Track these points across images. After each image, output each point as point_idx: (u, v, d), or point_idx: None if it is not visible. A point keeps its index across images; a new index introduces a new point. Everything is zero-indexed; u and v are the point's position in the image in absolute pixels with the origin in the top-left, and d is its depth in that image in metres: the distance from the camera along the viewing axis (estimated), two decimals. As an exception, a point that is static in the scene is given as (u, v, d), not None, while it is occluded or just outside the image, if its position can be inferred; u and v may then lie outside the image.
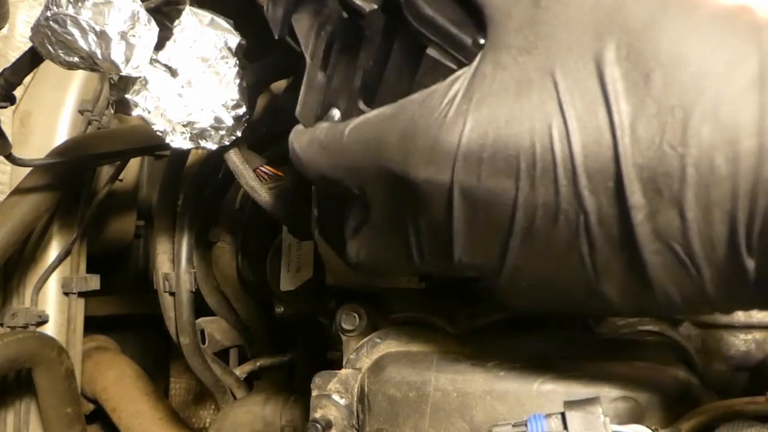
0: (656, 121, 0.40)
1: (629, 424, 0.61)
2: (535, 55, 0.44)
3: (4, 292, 1.25)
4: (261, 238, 1.28)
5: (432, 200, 0.49)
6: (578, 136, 0.42)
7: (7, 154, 0.94)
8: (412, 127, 0.48)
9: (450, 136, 0.46)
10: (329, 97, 0.62)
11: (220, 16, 0.76)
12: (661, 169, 0.40)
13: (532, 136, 0.43)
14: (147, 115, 0.73)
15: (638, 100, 0.40)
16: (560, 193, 0.43)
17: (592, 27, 0.42)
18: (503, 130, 0.44)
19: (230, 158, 0.83)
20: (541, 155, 0.43)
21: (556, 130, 0.43)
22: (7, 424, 1.22)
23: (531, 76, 0.44)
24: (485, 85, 0.45)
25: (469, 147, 0.45)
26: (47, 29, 0.65)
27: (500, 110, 0.44)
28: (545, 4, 0.44)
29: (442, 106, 0.47)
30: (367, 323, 0.77)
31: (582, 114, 0.42)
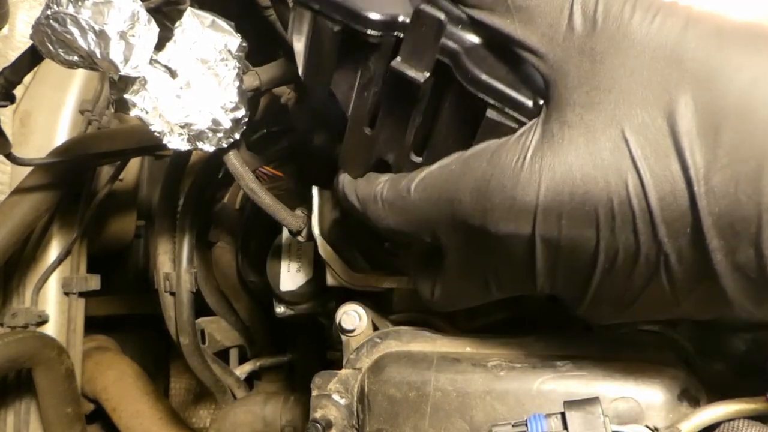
0: (729, 172, 0.42)
1: (629, 424, 0.61)
2: (600, 111, 0.46)
3: (4, 292, 1.25)
4: (261, 238, 1.28)
5: (513, 249, 0.52)
6: (654, 190, 0.44)
7: (7, 153, 0.94)
8: (485, 186, 0.50)
9: (527, 195, 0.48)
10: (379, 150, 0.63)
11: (222, 17, 0.76)
12: (738, 215, 0.42)
13: (608, 192, 0.45)
14: (145, 115, 0.73)
15: (710, 152, 0.42)
16: (640, 240, 0.46)
17: (657, 80, 0.44)
18: (579, 187, 0.46)
19: (230, 160, 0.83)
20: (619, 208, 0.45)
21: (631, 185, 0.44)
22: (7, 424, 1.22)
23: (599, 134, 0.46)
24: (555, 144, 0.47)
25: (546, 204, 0.47)
26: (47, 28, 0.65)
27: (573, 168, 0.46)
28: (600, 58, 0.46)
29: (513, 165, 0.49)
30: (367, 323, 0.77)
31: (655, 168, 0.44)
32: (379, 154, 0.64)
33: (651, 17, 0.45)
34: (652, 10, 0.45)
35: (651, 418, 0.62)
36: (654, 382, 0.63)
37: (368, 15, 0.54)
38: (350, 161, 0.66)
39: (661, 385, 0.63)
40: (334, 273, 0.83)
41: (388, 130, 0.62)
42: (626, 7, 0.46)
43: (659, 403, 0.63)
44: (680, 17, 0.45)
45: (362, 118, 0.63)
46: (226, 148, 0.80)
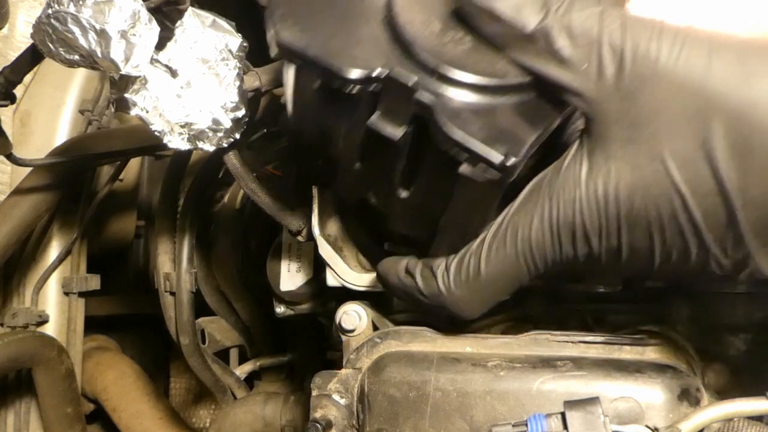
0: (762, 187, 0.48)
1: (629, 424, 0.61)
2: (640, 145, 0.51)
3: (4, 292, 1.25)
4: (261, 238, 1.28)
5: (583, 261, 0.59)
6: (697, 207, 0.50)
7: (7, 153, 0.94)
8: (555, 220, 0.56)
9: (591, 221, 0.55)
10: (369, 185, 0.67)
11: (222, 17, 0.76)
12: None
13: (658, 213, 0.52)
14: (145, 114, 0.73)
15: (743, 170, 0.48)
16: (689, 245, 0.52)
17: (689, 111, 0.49)
18: (633, 209, 0.52)
19: (230, 160, 0.83)
20: (668, 224, 0.52)
21: (677, 204, 0.51)
22: (7, 424, 1.22)
23: (643, 165, 0.51)
24: (604, 175, 0.53)
25: (608, 226, 0.54)
26: (48, 27, 0.65)
27: (624, 194, 0.52)
28: (633, 96, 0.51)
29: (573, 198, 0.54)
30: (367, 323, 0.77)
31: (697, 189, 0.50)
32: (370, 187, 0.67)
33: (677, 51, 0.49)
34: (677, 44, 0.49)
35: (651, 418, 0.62)
36: (654, 382, 0.63)
37: (345, 73, 0.55)
38: (346, 189, 0.71)
39: (661, 385, 0.63)
40: (334, 273, 0.83)
41: (375, 168, 0.65)
42: (652, 44, 0.49)
43: (659, 403, 0.63)
44: (704, 47, 0.49)
45: (352, 156, 0.64)
46: (227, 147, 0.80)
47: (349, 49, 0.57)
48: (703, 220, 0.50)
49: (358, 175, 0.67)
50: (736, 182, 0.48)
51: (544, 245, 0.57)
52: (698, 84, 0.48)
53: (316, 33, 0.57)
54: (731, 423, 0.60)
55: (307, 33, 0.57)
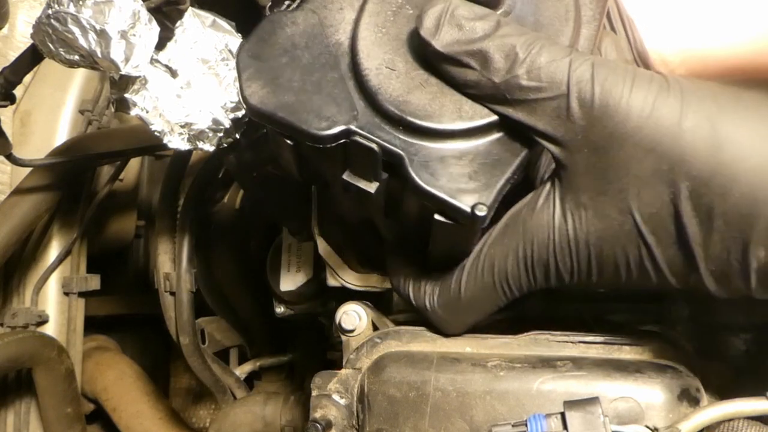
0: (722, 245, 0.51)
1: (629, 424, 0.61)
2: (610, 198, 0.53)
3: (4, 292, 1.25)
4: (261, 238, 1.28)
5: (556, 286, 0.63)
6: (663, 256, 0.53)
7: (7, 153, 0.94)
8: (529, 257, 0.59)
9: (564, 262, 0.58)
10: (357, 213, 0.69)
11: (222, 17, 0.76)
12: (730, 272, 0.52)
13: (626, 258, 0.55)
14: (145, 114, 0.73)
15: (707, 229, 0.51)
16: (653, 280, 0.55)
17: (658, 170, 0.51)
18: (603, 254, 0.55)
19: (230, 161, 0.83)
20: (635, 267, 0.55)
21: (644, 253, 0.54)
22: (7, 424, 1.22)
23: (612, 216, 0.53)
24: (574, 220, 0.55)
25: (580, 263, 0.57)
26: (48, 27, 0.65)
27: (594, 241, 0.55)
28: (603, 151, 0.52)
29: (547, 238, 0.57)
30: (367, 323, 0.77)
31: (663, 242, 0.53)
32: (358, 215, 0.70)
33: (648, 109, 0.50)
34: (649, 99, 0.50)
35: (651, 418, 0.62)
36: (654, 382, 0.63)
37: (313, 132, 0.56)
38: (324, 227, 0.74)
39: (661, 385, 0.63)
40: (334, 273, 0.83)
41: (358, 208, 0.67)
42: (622, 100, 0.50)
43: (659, 403, 0.63)
44: (676, 103, 0.50)
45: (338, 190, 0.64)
46: (227, 148, 0.80)
47: (315, 106, 0.57)
48: (668, 266, 0.54)
49: (348, 203, 0.68)
50: (700, 239, 0.51)
51: (519, 278, 0.61)
52: (668, 145, 0.50)
53: (284, 91, 0.58)
54: (731, 423, 0.60)
55: (274, 93, 0.58)
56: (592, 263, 0.56)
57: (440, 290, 0.67)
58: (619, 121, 0.50)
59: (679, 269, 0.54)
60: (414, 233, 0.65)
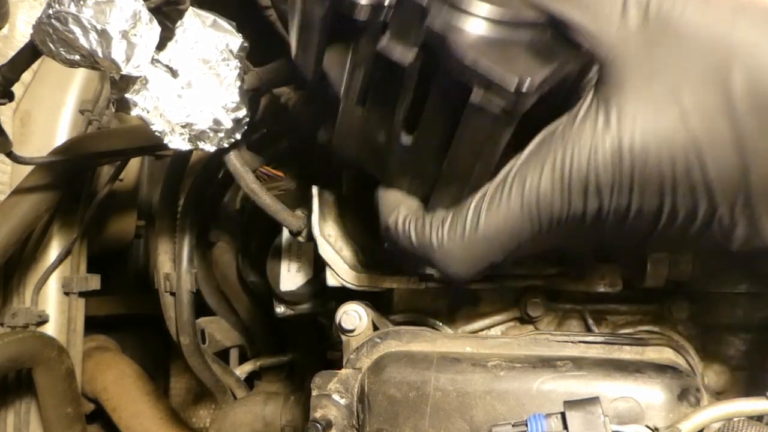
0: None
1: (629, 424, 0.61)
2: (660, 91, 0.50)
3: (5, 292, 1.25)
4: (261, 238, 1.28)
5: (586, 222, 0.56)
6: (713, 162, 0.49)
7: (7, 152, 0.94)
8: (567, 173, 0.54)
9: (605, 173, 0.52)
10: (369, 129, 0.64)
11: (223, 17, 0.76)
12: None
13: (673, 163, 0.50)
14: (146, 114, 0.73)
15: (761, 125, 0.47)
16: (698, 204, 0.52)
17: (711, 62, 0.48)
18: (647, 160, 0.51)
19: (230, 160, 0.83)
20: (681, 178, 0.51)
21: (693, 155, 0.50)
22: (7, 424, 1.22)
23: (661, 111, 0.50)
24: (620, 123, 0.51)
25: (621, 179, 0.52)
26: (49, 27, 0.65)
27: (640, 143, 0.50)
28: (656, 44, 0.50)
29: (589, 149, 0.52)
30: (367, 323, 0.77)
31: (714, 140, 0.49)
32: (370, 134, 0.64)
33: (702, 7, 0.49)
34: (701, 2, 0.49)
35: (651, 418, 0.62)
36: (654, 382, 0.64)
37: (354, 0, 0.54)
38: (343, 142, 0.67)
39: (661, 385, 0.63)
40: (334, 273, 0.84)
41: (377, 112, 0.62)
42: (677, 1, 0.49)
43: (659, 403, 0.63)
44: (728, 7, 0.49)
45: (354, 98, 0.62)
46: (227, 148, 0.80)
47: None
48: (717, 176, 0.50)
49: (359, 122, 0.64)
50: (754, 136, 0.48)
51: (552, 198, 0.54)
52: (721, 37, 0.48)
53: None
54: (731, 423, 0.60)
55: None
56: (635, 176, 0.51)
57: (452, 221, 0.59)
58: (675, 14, 0.49)
59: (728, 177, 0.50)
60: (427, 155, 0.61)
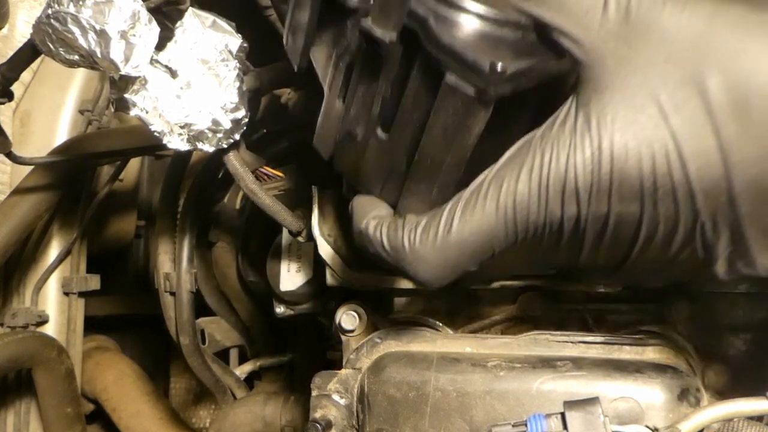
0: (760, 143, 0.46)
1: (629, 424, 0.61)
2: (639, 92, 0.49)
3: (4, 292, 1.25)
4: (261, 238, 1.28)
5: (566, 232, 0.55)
6: (692, 160, 0.48)
7: (6, 152, 0.94)
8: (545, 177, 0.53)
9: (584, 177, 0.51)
10: (347, 124, 0.64)
11: (222, 18, 0.76)
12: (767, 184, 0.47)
13: (652, 166, 0.49)
14: (145, 115, 0.73)
15: (742, 125, 0.47)
16: (679, 210, 0.50)
17: (689, 62, 0.48)
18: (626, 163, 0.50)
19: (230, 161, 0.83)
20: (661, 180, 0.49)
21: (673, 157, 0.48)
22: (7, 424, 1.22)
23: (640, 113, 0.49)
24: (599, 125, 0.50)
25: (600, 184, 0.51)
26: (48, 27, 0.65)
27: (619, 145, 0.50)
28: (635, 44, 0.50)
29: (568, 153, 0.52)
30: (367, 323, 0.77)
31: (693, 140, 0.48)
32: (347, 128, 0.64)
33: (680, 8, 0.49)
34: (680, 2, 0.49)
35: (651, 418, 0.62)
36: (654, 382, 0.64)
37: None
38: (321, 138, 0.68)
39: (661, 385, 0.63)
40: (334, 273, 0.84)
41: (358, 102, 0.62)
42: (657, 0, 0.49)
43: (659, 403, 0.63)
44: (707, 8, 0.48)
45: (336, 91, 0.63)
46: (226, 148, 0.80)
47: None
48: (698, 177, 0.48)
49: (338, 117, 0.65)
50: (734, 136, 0.47)
51: (529, 202, 0.53)
52: (700, 37, 0.48)
53: None
54: (731, 423, 0.60)
55: None
56: (614, 181, 0.50)
57: (426, 224, 0.57)
58: (653, 16, 0.49)
59: (709, 180, 0.48)
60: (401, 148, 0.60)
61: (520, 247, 0.57)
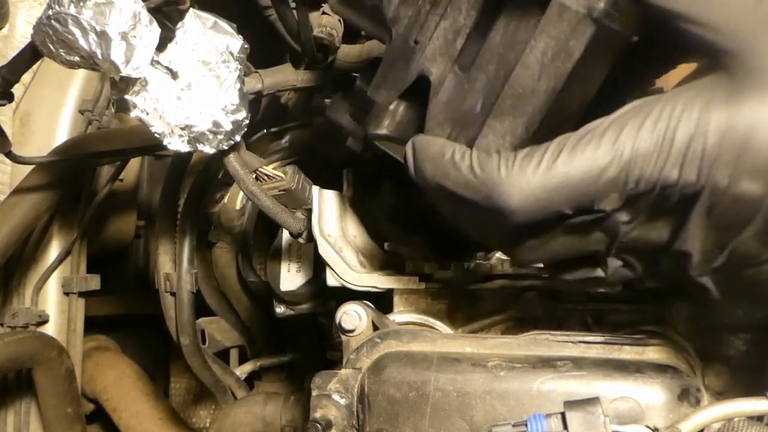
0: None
1: (629, 424, 0.61)
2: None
3: (4, 292, 1.25)
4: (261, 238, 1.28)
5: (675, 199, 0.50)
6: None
7: (6, 151, 0.94)
8: (669, 141, 0.49)
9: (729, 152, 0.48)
10: (420, 64, 0.63)
11: (223, 19, 0.76)
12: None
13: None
14: (145, 116, 0.73)
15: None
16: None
17: None
18: (758, 134, 0.46)
19: (230, 162, 0.83)
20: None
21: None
22: (7, 424, 1.22)
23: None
24: (746, 105, 0.47)
25: (731, 152, 0.47)
26: (48, 28, 0.65)
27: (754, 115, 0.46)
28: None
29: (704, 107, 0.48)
30: (367, 323, 0.77)
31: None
32: (420, 69, 0.63)
33: None
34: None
35: (651, 418, 0.62)
36: (654, 382, 0.64)
37: None
38: (386, 78, 0.65)
39: (661, 385, 0.63)
40: (334, 273, 0.84)
41: (438, 39, 0.61)
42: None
43: (659, 403, 0.63)
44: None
45: (410, 30, 0.63)
46: (227, 150, 0.80)
47: None
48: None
49: (410, 54, 0.63)
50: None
51: (648, 153, 0.49)
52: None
53: None
54: (731, 423, 0.60)
55: None
56: (746, 153, 0.47)
57: (528, 152, 0.52)
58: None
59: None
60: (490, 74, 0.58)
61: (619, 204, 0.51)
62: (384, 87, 0.66)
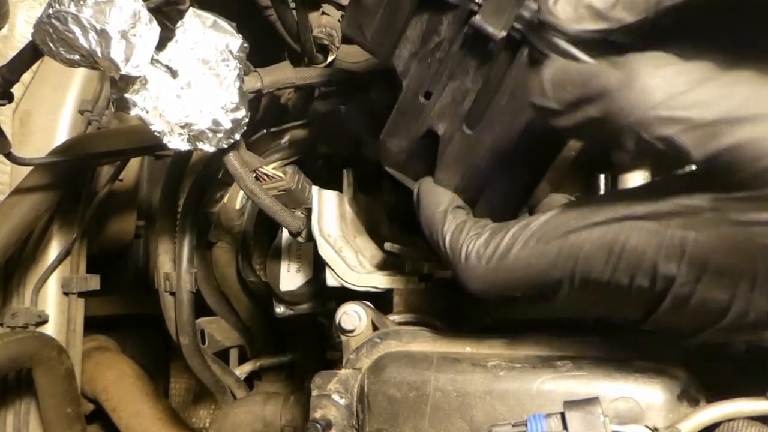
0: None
1: (629, 424, 0.61)
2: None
3: (4, 292, 1.25)
4: (261, 238, 1.28)
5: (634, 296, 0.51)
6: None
7: (6, 152, 0.94)
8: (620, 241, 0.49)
9: None
10: (429, 119, 0.66)
11: (223, 18, 0.76)
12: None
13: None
14: (145, 114, 0.73)
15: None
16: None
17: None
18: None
19: (230, 161, 0.83)
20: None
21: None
22: (7, 424, 1.22)
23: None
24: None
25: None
26: (49, 27, 0.65)
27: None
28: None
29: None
30: (367, 323, 0.77)
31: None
32: (429, 125, 0.66)
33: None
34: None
35: (651, 418, 0.62)
36: (654, 382, 0.63)
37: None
38: (398, 127, 0.68)
39: (661, 385, 0.63)
40: (334, 273, 0.84)
41: (446, 97, 0.64)
42: None
43: (659, 403, 0.62)
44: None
45: (420, 86, 0.64)
46: (226, 148, 0.80)
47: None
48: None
49: (419, 110, 0.65)
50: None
51: (595, 263, 0.50)
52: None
53: None
54: (731, 423, 0.60)
55: None
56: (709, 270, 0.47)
57: (487, 239, 0.56)
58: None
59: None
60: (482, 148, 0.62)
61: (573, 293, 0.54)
62: (396, 136, 0.69)
